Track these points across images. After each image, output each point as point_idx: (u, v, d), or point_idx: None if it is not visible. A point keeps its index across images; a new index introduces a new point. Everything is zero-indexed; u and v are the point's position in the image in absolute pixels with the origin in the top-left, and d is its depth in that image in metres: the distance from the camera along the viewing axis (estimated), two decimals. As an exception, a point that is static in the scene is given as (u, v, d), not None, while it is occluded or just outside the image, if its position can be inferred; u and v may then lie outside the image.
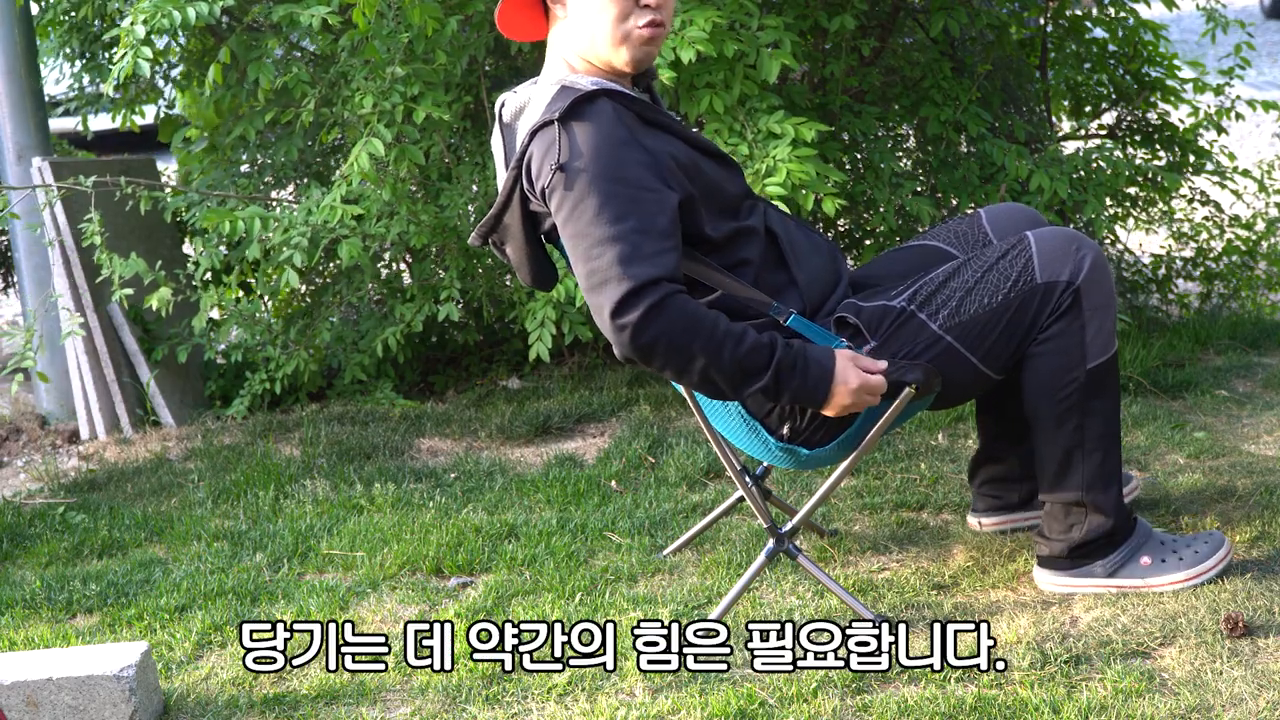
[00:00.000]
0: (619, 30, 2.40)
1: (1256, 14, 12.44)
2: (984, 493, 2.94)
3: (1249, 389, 3.86)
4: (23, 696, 2.39)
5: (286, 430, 4.10)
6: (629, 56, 2.42)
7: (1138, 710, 2.20)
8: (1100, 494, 2.57)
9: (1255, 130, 7.20)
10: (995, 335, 2.49)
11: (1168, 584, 2.57)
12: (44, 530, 3.51)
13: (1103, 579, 2.61)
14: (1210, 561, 2.59)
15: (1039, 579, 2.67)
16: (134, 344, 4.30)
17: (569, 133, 2.34)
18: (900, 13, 4.31)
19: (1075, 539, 2.60)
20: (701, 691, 2.36)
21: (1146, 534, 2.63)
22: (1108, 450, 2.56)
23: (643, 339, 2.28)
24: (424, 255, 4.24)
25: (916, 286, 2.53)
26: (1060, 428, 2.54)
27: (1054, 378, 2.51)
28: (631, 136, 2.35)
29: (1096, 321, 2.49)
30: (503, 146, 2.56)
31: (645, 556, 2.97)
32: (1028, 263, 2.48)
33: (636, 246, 2.28)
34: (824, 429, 2.51)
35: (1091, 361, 2.50)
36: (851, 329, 2.51)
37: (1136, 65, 4.53)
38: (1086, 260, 2.48)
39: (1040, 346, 2.50)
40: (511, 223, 2.49)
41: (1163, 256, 4.83)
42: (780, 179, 3.33)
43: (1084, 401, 2.52)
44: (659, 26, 2.42)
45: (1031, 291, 2.47)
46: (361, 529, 3.26)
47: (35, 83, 4.57)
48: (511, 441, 3.91)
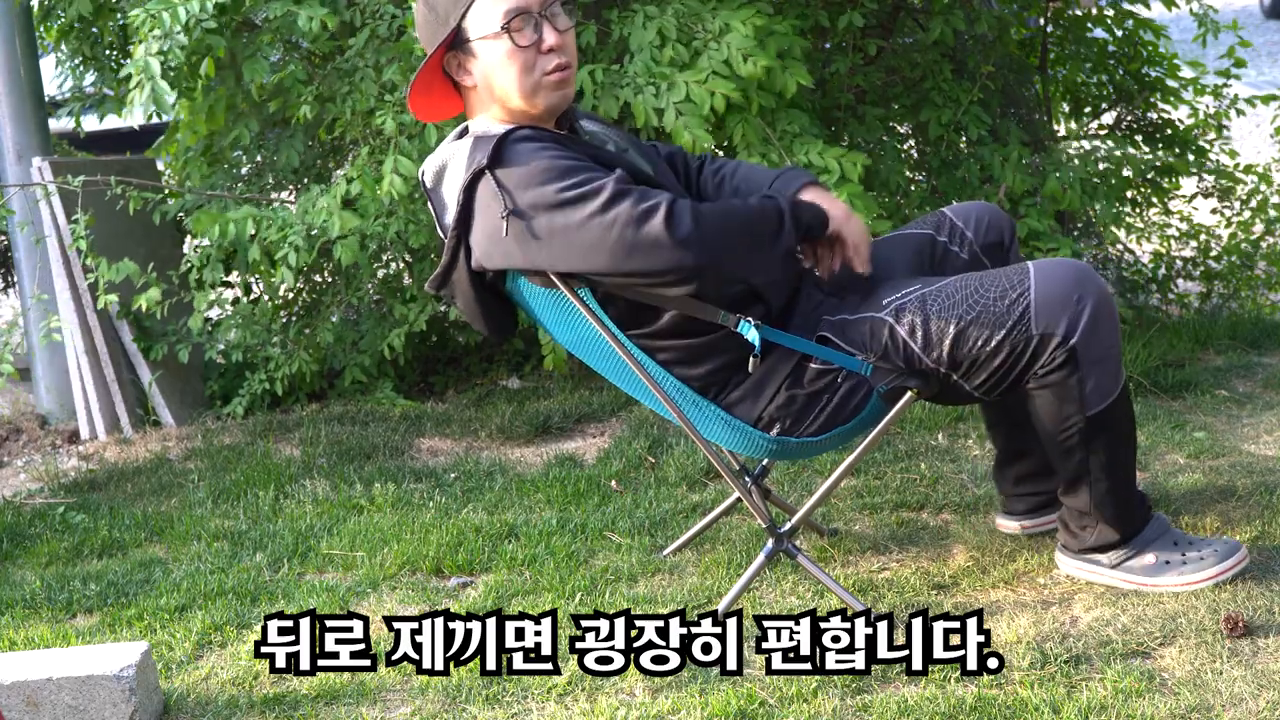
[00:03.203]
0: (527, 82, 2.44)
1: (1256, 14, 12.45)
2: (1021, 493, 2.88)
3: (1249, 389, 3.86)
4: (23, 696, 2.39)
5: (286, 430, 4.10)
6: (544, 104, 2.47)
7: (1138, 710, 2.20)
8: (1110, 509, 2.56)
9: (1255, 130, 7.21)
10: (989, 373, 2.46)
11: (1171, 586, 2.57)
12: (44, 530, 3.51)
13: (1107, 569, 2.62)
14: (1215, 570, 2.57)
15: (1059, 562, 2.70)
16: (133, 343, 4.30)
17: (499, 180, 2.37)
18: (901, 13, 4.31)
19: (1089, 541, 2.62)
20: (701, 691, 2.36)
21: (1161, 530, 2.62)
22: (1117, 475, 2.54)
23: (701, 236, 2.31)
24: (424, 255, 4.24)
25: (906, 300, 2.49)
26: (1066, 458, 2.53)
27: (1053, 420, 2.49)
28: (559, 143, 2.41)
29: (1095, 375, 2.44)
30: (434, 210, 2.57)
31: (645, 556, 2.97)
32: (1025, 310, 2.41)
33: (629, 190, 2.33)
34: (816, 421, 2.51)
35: (1090, 410, 2.46)
36: (836, 347, 2.51)
37: (1136, 65, 4.53)
38: (1085, 312, 2.41)
39: (1038, 391, 2.47)
40: (459, 279, 2.52)
41: (1163, 256, 4.83)
42: None
43: (1087, 441, 2.49)
44: (565, 69, 2.47)
45: (1026, 341, 2.42)
46: (361, 529, 3.26)
47: (35, 83, 4.57)
48: (511, 441, 3.91)
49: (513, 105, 2.47)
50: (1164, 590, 2.57)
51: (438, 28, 2.45)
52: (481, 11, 2.43)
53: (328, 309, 4.33)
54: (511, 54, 2.43)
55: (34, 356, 4.61)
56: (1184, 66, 4.62)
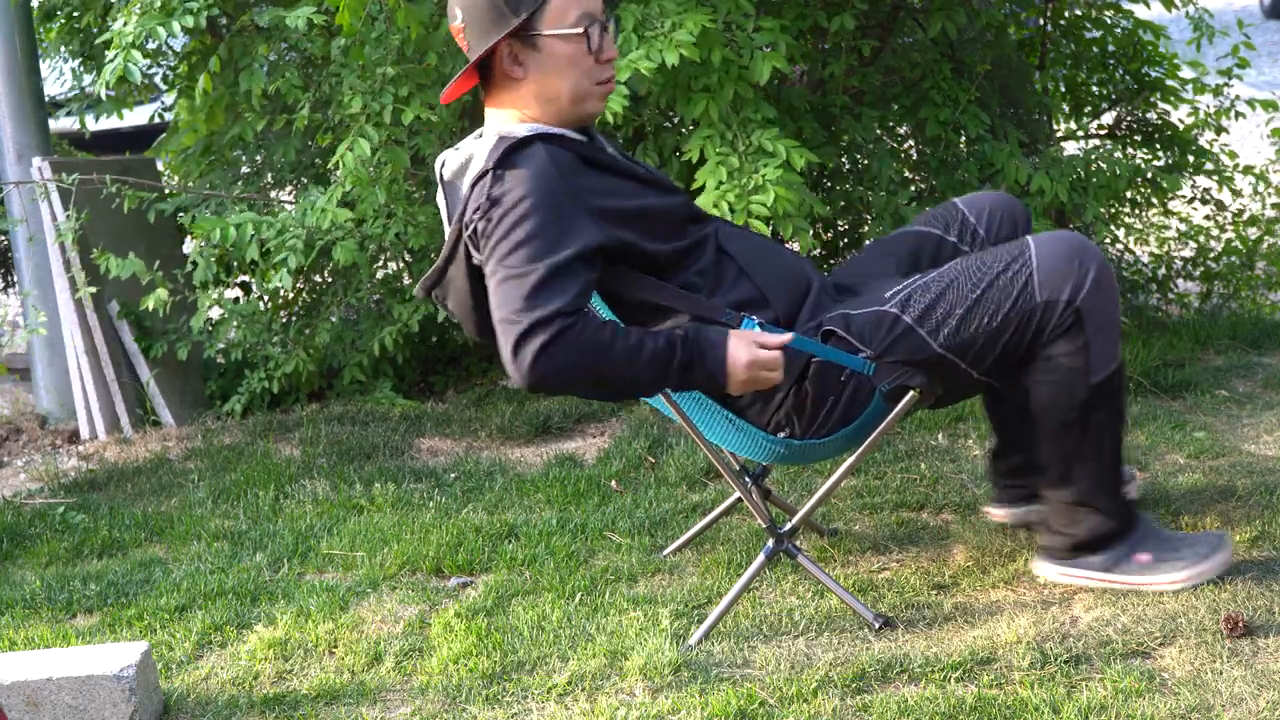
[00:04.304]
0: (584, 86, 2.48)
1: (1256, 14, 12.45)
2: (1009, 483, 2.90)
3: (1249, 389, 3.85)
4: (23, 696, 2.39)
5: (286, 430, 4.10)
6: (587, 111, 2.51)
7: (1138, 710, 2.20)
8: (1100, 497, 2.56)
9: (1255, 130, 7.20)
10: (996, 354, 2.48)
11: (1166, 584, 2.57)
12: (44, 530, 3.51)
13: (1100, 572, 2.61)
14: (1209, 563, 2.57)
15: (1038, 568, 2.68)
16: (133, 344, 4.30)
17: (500, 180, 2.39)
18: (900, 13, 4.31)
19: (1077, 536, 2.60)
20: (701, 691, 2.36)
21: (1147, 530, 2.62)
22: (1108, 457, 2.55)
23: (536, 374, 2.32)
24: (423, 255, 4.24)
25: (910, 290, 2.51)
26: (1061, 436, 2.53)
27: (1056, 392, 2.49)
28: (562, 178, 2.39)
29: (1100, 340, 2.47)
30: (445, 204, 2.58)
31: (645, 556, 2.97)
32: (1028, 280, 2.45)
33: (543, 281, 2.32)
34: (824, 423, 2.51)
35: (1094, 377, 2.48)
36: (841, 341, 2.51)
37: (1136, 65, 4.53)
38: (1089, 276, 2.44)
39: (1042, 362, 2.49)
40: (456, 276, 2.53)
41: (1163, 256, 4.83)
42: (767, 199, 3.33)
43: (1085, 415, 2.50)
44: (611, 82, 2.53)
45: (1031, 310, 2.45)
46: (361, 529, 3.26)
47: (35, 83, 4.57)
48: (511, 441, 3.91)
49: (558, 105, 2.48)
50: (1163, 589, 2.57)
51: (499, 18, 2.43)
52: (557, 9, 2.44)
53: (327, 309, 4.33)
54: (579, 56, 2.45)
55: (34, 356, 4.61)
56: (1184, 67, 4.62)
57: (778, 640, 2.54)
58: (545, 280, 2.32)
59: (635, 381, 2.39)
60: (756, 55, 3.48)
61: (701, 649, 2.52)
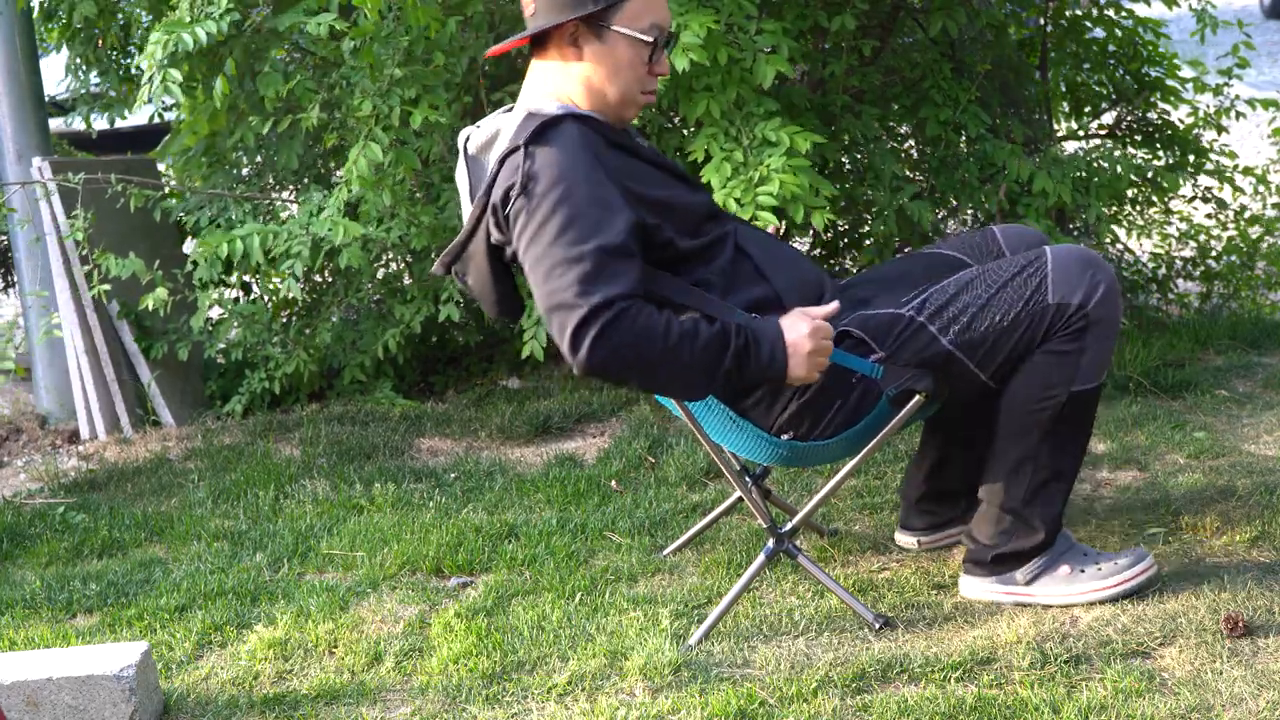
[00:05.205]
0: (633, 90, 2.49)
1: (1256, 14, 12.45)
2: (925, 508, 2.87)
3: (1249, 389, 3.86)
4: (23, 696, 2.39)
5: (286, 430, 4.10)
6: (626, 116, 2.53)
7: (1138, 710, 2.20)
8: (1037, 509, 2.56)
9: (1255, 130, 7.20)
10: (1003, 354, 2.49)
11: (1087, 595, 2.56)
12: (44, 530, 3.51)
13: (1022, 586, 2.59)
14: (1128, 574, 2.56)
15: (964, 586, 2.66)
16: (133, 343, 4.30)
17: (532, 158, 2.37)
18: (900, 13, 4.31)
19: (1002, 548, 2.59)
20: (701, 691, 2.36)
21: (1068, 544, 2.61)
22: (1058, 474, 2.55)
23: (596, 360, 2.29)
24: (424, 256, 4.24)
25: (926, 295, 2.52)
26: (1022, 437, 2.53)
27: (1036, 389, 2.50)
28: (595, 157, 2.38)
29: (1095, 350, 2.48)
30: (468, 179, 2.57)
31: (645, 556, 2.97)
32: (1041, 281, 2.47)
33: (598, 266, 2.30)
34: (829, 426, 2.51)
35: (1077, 386, 2.49)
36: (857, 341, 2.51)
37: (1136, 65, 4.53)
38: (1101, 286, 2.46)
39: (1035, 357, 2.49)
40: (476, 253, 2.51)
41: (1163, 256, 4.83)
42: (773, 188, 3.32)
43: (1055, 422, 2.50)
44: (654, 95, 2.55)
45: (1042, 311, 2.46)
46: (361, 529, 3.26)
47: (35, 83, 4.57)
48: (511, 441, 3.91)
49: (601, 100, 2.48)
50: (1084, 600, 2.56)
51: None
52: (634, 9, 2.44)
53: (328, 309, 4.33)
54: (637, 62, 2.46)
55: (34, 356, 4.61)
56: (1184, 66, 4.62)
57: (778, 640, 2.54)
58: (600, 264, 2.29)
59: (689, 369, 2.34)
60: (759, 59, 3.48)
61: (701, 649, 2.52)
